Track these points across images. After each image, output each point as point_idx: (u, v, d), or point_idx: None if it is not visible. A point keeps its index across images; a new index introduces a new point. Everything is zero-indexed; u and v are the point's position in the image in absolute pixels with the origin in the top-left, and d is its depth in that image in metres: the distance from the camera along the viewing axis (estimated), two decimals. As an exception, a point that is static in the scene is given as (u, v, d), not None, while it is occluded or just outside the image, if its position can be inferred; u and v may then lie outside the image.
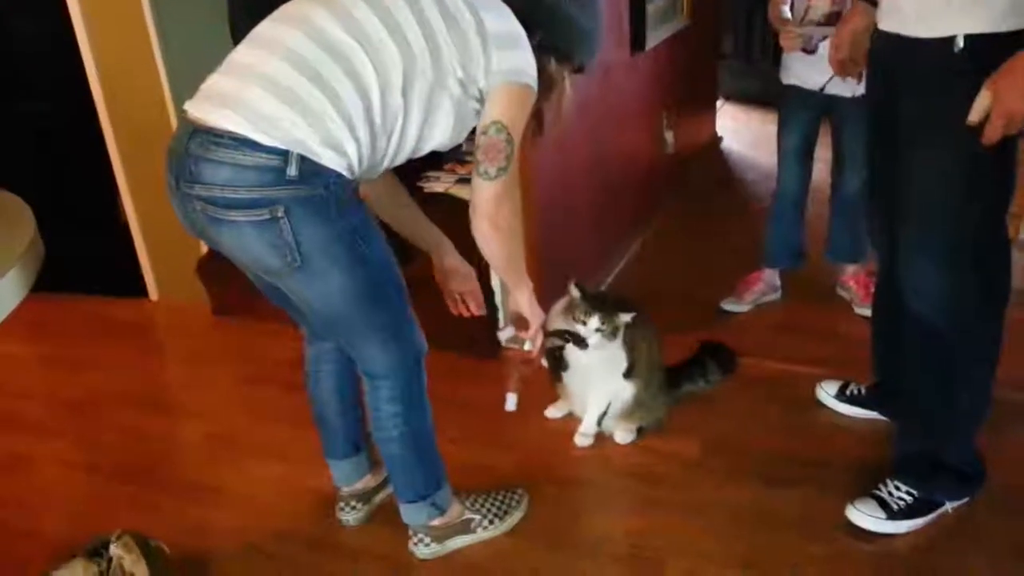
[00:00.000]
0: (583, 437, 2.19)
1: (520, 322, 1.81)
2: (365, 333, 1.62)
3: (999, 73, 1.42)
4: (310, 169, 1.39)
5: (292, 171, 1.38)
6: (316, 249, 1.45)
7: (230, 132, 1.37)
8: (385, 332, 1.62)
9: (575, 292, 2.03)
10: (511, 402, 1.91)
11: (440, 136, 1.53)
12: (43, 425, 2.47)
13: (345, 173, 1.44)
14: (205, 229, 1.47)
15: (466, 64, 1.47)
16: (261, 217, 1.40)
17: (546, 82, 1.58)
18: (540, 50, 1.54)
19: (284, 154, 1.37)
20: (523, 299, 1.76)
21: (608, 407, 2.16)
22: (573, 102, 1.66)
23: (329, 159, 1.40)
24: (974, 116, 1.46)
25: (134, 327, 3.00)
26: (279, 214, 1.40)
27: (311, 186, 1.40)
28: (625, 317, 2.02)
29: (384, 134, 1.46)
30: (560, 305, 2.08)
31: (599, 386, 2.14)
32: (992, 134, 1.45)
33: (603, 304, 2.02)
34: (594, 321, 1.99)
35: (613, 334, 2.02)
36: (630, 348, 2.09)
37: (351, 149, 1.42)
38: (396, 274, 1.60)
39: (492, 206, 1.53)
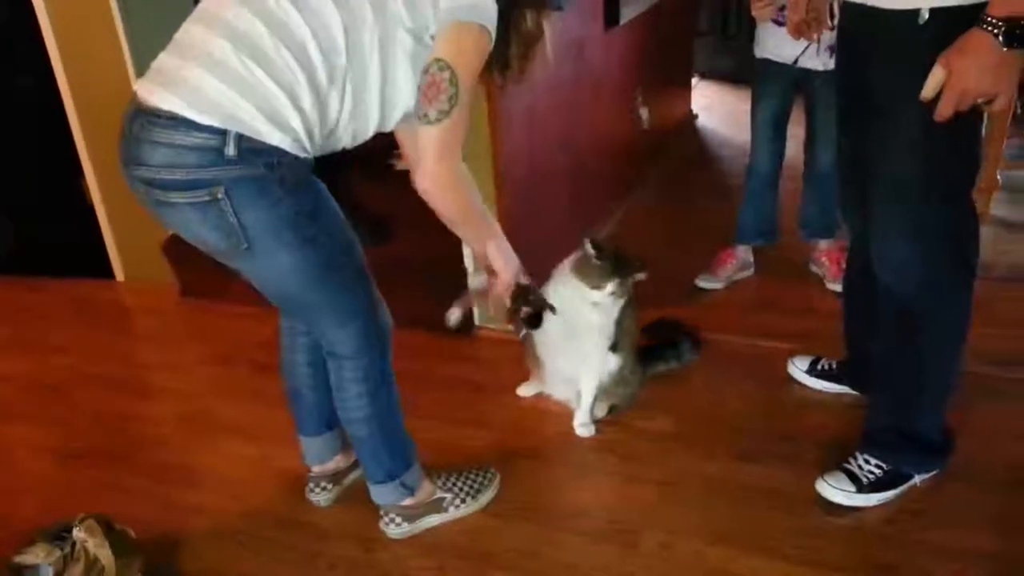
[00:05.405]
0: (585, 427, 2.13)
1: (492, 273, 1.73)
2: (322, 313, 1.60)
3: (952, 50, 1.41)
4: (250, 148, 1.35)
5: (230, 151, 1.34)
6: (261, 230, 1.41)
7: (167, 112, 1.34)
8: (343, 312, 1.59)
9: (590, 250, 1.95)
10: (453, 317, 1.85)
11: (405, 96, 1.47)
12: (11, 408, 2.43)
13: (291, 150, 1.39)
14: (152, 211, 1.44)
15: (412, 9, 1.40)
16: (201, 199, 1.37)
17: (526, 39, 1.53)
18: (511, 11, 1.49)
19: (222, 133, 1.33)
20: (490, 251, 1.66)
21: (598, 390, 2.12)
22: (554, 43, 1.58)
23: (271, 136, 1.36)
24: (927, 92, 1.46)
25: (101, 309, 2.95)
26: (219, 195, 1.36)
27: (251, 166, 1.36)
28: (640, 276, 1.99)
29: (335, 98, 1.41)
30: (570, 262, 2.01)
31: (588, 368, 2.09)
32: (944, 110, 1.45)
33: (619, 264, 1.97)
34: (610, 287, 1.96)
35: (624, 293, 2.00)
36: (618, 323, 2.07)
37: (296, 122, 1.38)
38: (353, 254, 1.57)
39: (432, 159, 1.44)
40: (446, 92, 1.40)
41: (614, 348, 2.09)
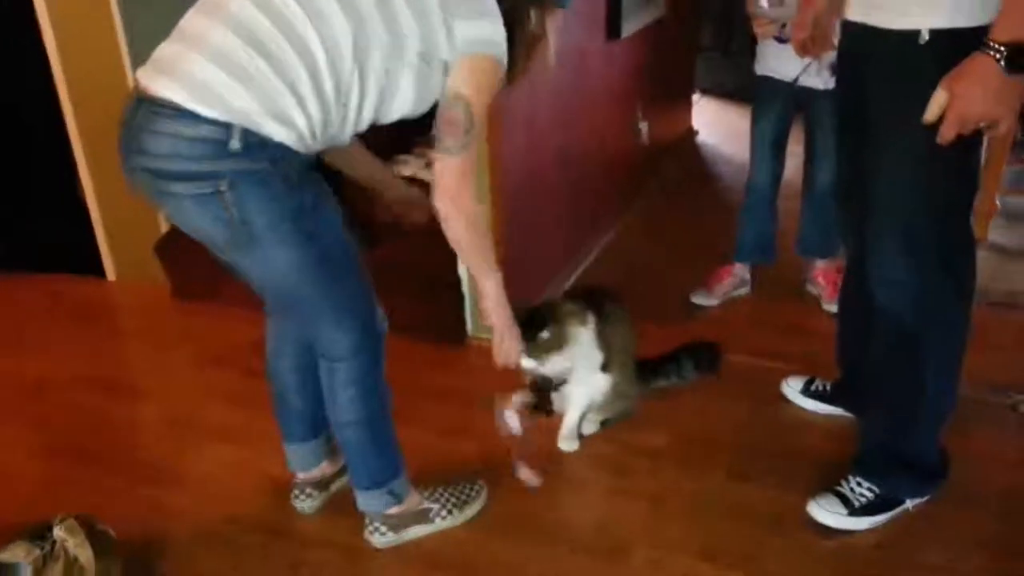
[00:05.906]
0: (568, 441, 2.12)
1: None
2: (318, 311, 1.58)
3: (954, 73, 1.41)
4: (254, 142, 1.34)
5: (235, 144, 1.33)
6: (262, 225, 1.41)
7: (172, 102, 1.33)
8: (339, 311, 1.58)
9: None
10: (531, 480, 1.96)
11: (402, 106, 1.49)
12: (-4, 406, 2.41)
13: (294, 146, 1.39)
14: (153, 201, 1.43)
15: (426, 35, 1.42)
16: (203, 191, 1.36)
17: (530, 39, 1.54)
18: (516, 10, 1.50)
19: (227, 126, 1.33)
20: (489, 289, 1.69)
21: (587, 408, 2.11)
22: (558, 43, 1.61)
23: (275, 132, 1.36)
24: (929, 115, 1.45)
25: (91, 308, 2.93)
26: (222, 188, 1.36)
27: (255, 160, 1.35)
28: (543, 335, 1.93)
29: (338, 105, 1.41)
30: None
31: (578, 386, 2.08)
32: (946, 133, 1.44)
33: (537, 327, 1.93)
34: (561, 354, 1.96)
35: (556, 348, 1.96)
36: (606, 345, 2.06)
37: (300, 121, 1.37)
38: (351, 253, 1.56)
39: (453, 185, 1.49)
40: (461, 126, 1.46)
41: (605, 368, 2.08)
